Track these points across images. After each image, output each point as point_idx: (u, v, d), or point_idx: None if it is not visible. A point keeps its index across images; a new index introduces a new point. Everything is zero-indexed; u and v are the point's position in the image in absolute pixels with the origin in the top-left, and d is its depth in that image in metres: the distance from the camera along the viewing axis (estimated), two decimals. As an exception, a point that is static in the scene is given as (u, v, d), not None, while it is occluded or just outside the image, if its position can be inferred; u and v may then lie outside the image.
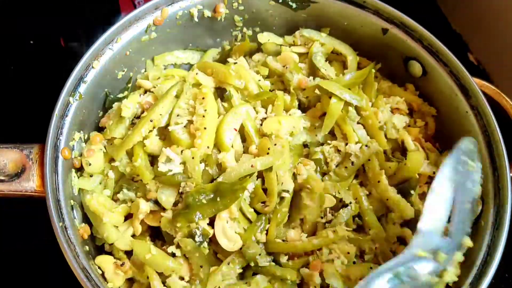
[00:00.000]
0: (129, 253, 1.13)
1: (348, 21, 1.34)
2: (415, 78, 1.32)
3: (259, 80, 1.28)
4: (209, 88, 1.19)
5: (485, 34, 1.59)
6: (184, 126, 1.15)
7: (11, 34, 1.58)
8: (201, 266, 1.07)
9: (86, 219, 1.15)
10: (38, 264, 1.27)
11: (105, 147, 1.20)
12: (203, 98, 1.16)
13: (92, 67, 1.19)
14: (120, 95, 1.30)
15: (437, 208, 1.00)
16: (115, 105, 1.25)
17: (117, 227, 1.13)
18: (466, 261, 1.08)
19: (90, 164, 1.15)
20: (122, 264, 1.08)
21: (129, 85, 1.32)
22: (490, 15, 1.57)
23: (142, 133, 1.14)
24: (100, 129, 1.26)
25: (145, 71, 1.35)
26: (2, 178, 1.05)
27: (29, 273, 1.27)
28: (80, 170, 1.18)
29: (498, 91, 1.24)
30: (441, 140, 1.31)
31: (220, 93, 1.23)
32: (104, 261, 1.10)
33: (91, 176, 1.17)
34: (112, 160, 1.19)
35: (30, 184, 1.05)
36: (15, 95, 1.48)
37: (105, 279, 1.07)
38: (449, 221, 1.02)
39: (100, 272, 1.08)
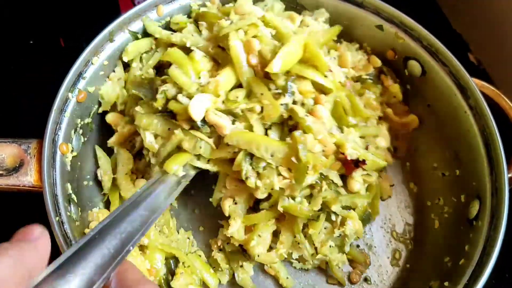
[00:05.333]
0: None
1: (347, 20, 1.34)
2: (414, 77, 1.32)
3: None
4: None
5: (485, 33, 1.59)
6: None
7: (11, 34, 1.59)
8: None
9: (82, 214, 1.16)
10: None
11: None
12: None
13: (92, 63, 1.20)
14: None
15: None
16: None
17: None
18: (461, 261, 1.09)
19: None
20: None
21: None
22: (491, 15, 1.56)
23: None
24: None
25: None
26: (0, 172, 1.06)
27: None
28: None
29: (497, 91, 1.24)
30: (440, 140, 1.30)
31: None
32: None
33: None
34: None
35: (27, 179, 1.06)
36: (15, 92, 1.49)
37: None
38: None
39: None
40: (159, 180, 1.09)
